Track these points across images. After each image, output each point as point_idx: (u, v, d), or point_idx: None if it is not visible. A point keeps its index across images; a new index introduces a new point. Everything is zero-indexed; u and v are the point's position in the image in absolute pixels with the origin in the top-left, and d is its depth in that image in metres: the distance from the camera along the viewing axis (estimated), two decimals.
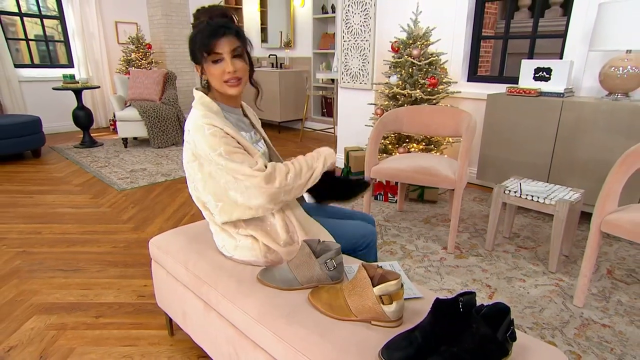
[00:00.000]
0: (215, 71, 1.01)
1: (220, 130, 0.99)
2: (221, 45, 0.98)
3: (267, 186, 0.96)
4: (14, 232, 2.24)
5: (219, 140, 0.97)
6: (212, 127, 0.98)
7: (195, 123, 1.01)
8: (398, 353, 0.72)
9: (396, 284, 0.81)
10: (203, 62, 1.02)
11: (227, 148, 0.98)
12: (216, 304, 1.04)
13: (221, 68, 1.01)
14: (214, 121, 1.00)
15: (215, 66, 1.01)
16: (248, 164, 0.97)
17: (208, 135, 0.98)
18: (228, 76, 1.01)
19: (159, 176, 3.27)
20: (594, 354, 1.30)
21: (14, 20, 4.72)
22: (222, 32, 0.98)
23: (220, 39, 0.98)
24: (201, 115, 1.02)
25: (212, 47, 0.98)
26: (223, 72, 1.01)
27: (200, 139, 0.99)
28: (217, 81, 1.03)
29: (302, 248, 0.98)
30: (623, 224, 1.39)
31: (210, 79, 1.05)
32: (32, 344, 1.36)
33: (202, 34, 0.98)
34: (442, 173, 1.95)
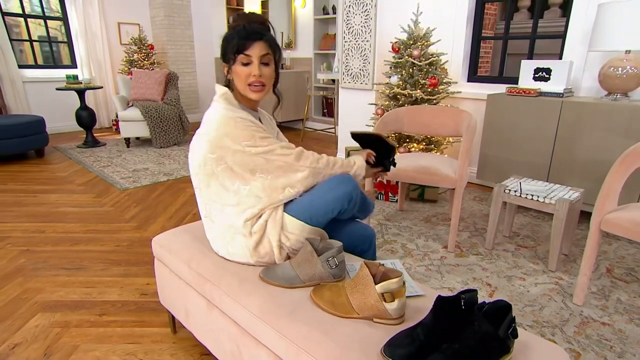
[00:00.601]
0: (242, 72, 1.05)
1: (250, 122, 1.04)
2: (252, 49, 1.03)
3: (298, 164, 1.06)
4: (18, 230, 2.26)
5: (251, 132, 1.02)
6: (242, 120, 1.03)
7: (223, 115, 1.03)
8: (400, 350, 0.74)
9: (398, 281, 0.82)
10: (232, 62, 1.05)
11: (261, 134, 1.04)
12: (219, 301, 1.05)
13: (248, 70, 1.04)
14: (242, 114, 1.04)
15: (243, 68, 1.05)
16: (279, 145, 1.05)
17: (240, 128, 1.01)
18: (253, 79, 1.05)
19: (161, 176, 3.29)
20: (594, 352, 1.32)
21: (18, 22, 4.74)
22: (256, 37, 1.03)
23: (253, 42, 1.02)
24: (227, 109, 1.05)
25: (244, 49, 1.02)
26: (249, 75, 1.05)
27: (231, 132, 1.01)
28: (241, 82, 1.06)
29: (304, 246, 1.00)
30: (623, 222, 1.40)
31: (235, 79, 1.08)
32: (36, 341, 1.38)
33: (237, 35, 1.03)
34: (442, 172, 1.96)
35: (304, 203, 1.08)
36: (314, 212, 1.06)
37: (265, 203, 1.07)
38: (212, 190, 1.08)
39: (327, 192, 1.07)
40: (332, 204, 1.07)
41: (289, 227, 1.07)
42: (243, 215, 1.07)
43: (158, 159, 3.83)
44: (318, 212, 1.07)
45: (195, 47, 5.77)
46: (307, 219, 1.06)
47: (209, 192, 1.09)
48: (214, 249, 1.16)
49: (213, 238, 1.14)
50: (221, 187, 1.06)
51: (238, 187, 1.06)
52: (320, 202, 1.07)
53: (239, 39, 1.02)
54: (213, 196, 1.09)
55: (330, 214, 1.08)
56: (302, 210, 1.07)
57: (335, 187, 1.08)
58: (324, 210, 1.07)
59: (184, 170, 3.47)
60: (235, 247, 1.09)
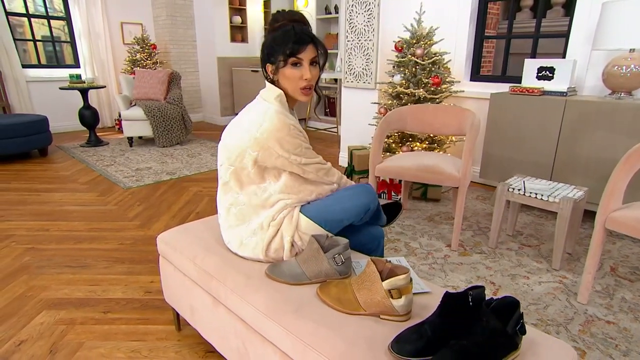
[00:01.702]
0: (293, 75, 1.06)
1: (299, 131, 1.08)
2: (305, 53, 1.04)
3: (327, 178, 1.16)
4: (22, 229, 2.27)
5: (299, 141, 1.07)
6: (295, 128, 1.06)
7: (279, 120, 1.04)
8: (408, 346, 0.74)
9: (405, 278, 0.82)
10: (280, 64, 1.06)
11: (306, 145, 1.10)
12: (225, 298, 1.06)
13: (299, 72, 1.06)
14: (295, 123, 1.08)
15: (294, 70, 1.06)
16: (317, 160, 1.12)
17: (292, 136, 1.05)
18: (304, 83, 1.07)
19: (164, 174, 3.30)
20: (599, 350, 1.31)
21: (22, 21, 4.76)
22: (308, 39, 1.04)
23: (305, 46, 1.04)
24: (282, 112, 1.06)
25: (297, 53, 1.04)
26: (300, 78, 1.06)
27: (283, 138, 1.04)
28: (292, 85, 1.08)
29: (311, 243, 1.00)
30: (628, 221, 1.39)
31: (283, 81, 1.08)
32: (42, 339, 1.38)
33: (288, 37, 1.03)
34: (446, 171, 1.96)
35: (321, 207, 1.11)
36: (329, 217, 1.09)
37: (293, 200, 1.11)
38: (242, 182, 1.10)
39: (347, 201, 1.11)
40: (349, 212, 1.10)
41: (303, 228, 1.09)
42: (267, 210, 1.09)
43: (161, 158, 3.84)
44: (334, 218, 1.09)
45: (197, 46, 5.78)
46: (322, 222, 1.09)
47: (237, 184, 1.11)
48: (225, 240, 1.17)
49: (228, 227, 1.15)
50: (251, 182, 1.10)
51: (269, 184, 1.10)
52: (338, 209, 1.10)
53: (292, 42, 1.03)
54: (244, 187, 1.11)
55: (346, 221, 1.11)
56: (319, 213, 1.10)
57: (356, 197, 1.12)
58: (339, 217, 1.10)
59: (187, 169, 3.48)
60: (251, 238, 1.10)
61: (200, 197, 2.81)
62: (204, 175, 3.33)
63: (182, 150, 4.13)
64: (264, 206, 1.10)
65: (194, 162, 3.71)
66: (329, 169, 1.17)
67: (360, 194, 1.13)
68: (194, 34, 5.69)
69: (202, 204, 2.68)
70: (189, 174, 3.33)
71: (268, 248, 1.08)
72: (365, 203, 1.12)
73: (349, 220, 1.12)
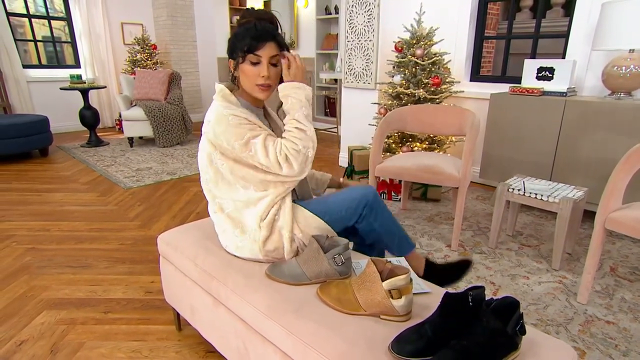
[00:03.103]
0: (250, 72, 1.04)
1: (245, 118, 1.02)
2: (263, 50, 1.02)
3: (289, 171, 1.02)
4: (23, 229, 2.27)
5: (243, 129, 1.01)
6: (235, 117, 1.02)
7: (217, 113, 1.04)
8: (408, 346, 0.74)
9: (405, 278, 0.82)
10: (240, 60, 1.04)
11: (253, 133, 1.01)
12: (225, 299, 1.06)
13: (257, 71, 1.04)
14: (236, 111, 1.03)
15: (252, 67, 1.04)
16: (271, 152, 1.01)
17: (233, 125, 1.01)
18: (261, 80, 1.04)
19: (164, 175, 3.30)
20: (599, 350, 1.32)
21: (23, 22, 4.77)
22: (267, 37, 1.02)
23: (264, 43, 1.01)
24: (223, 106, 1.04)
25: (254, 49, 1.01)
26: (257, 76, 1.04)
27: (225, 130, 1.01)
28: (248, 82, 1.06)
29: (311, 243, 1.00)
30: (628, 221, 1.40)
31: (242, 77, 1.07)
32: (42, 338, 1.39)
33: (248, 34, 1.01)
34: (446, 171, 1.96)
35: (320, 200, 1.13)
36: (328, 207, 1.09)
37: (272, 195, 1.08)
38: (221, 186, 1.09)
39: (344, 194, 1.13)
40: (347, 203, 1.10)
41: (302, 220, 1.09)
42: (253, 209, 1.08)
43: (161, 158, 3.85)
44: (332, 209, 1.09)
45: (197, 47, 5.78)
46: (321, 213, 1.09)
47: (218, 188, 1.10)
48: (222, 244, 1.17)
49: (222, 232, 1.15)
50: (228, 183, 1.08)
51: (245, 183, 1.07)
52: (335, 200, 1.11)
53: (250, 38, 1.01)
54: (223, 192, 1.10)
55: (345, 212, 1.10)
56: (318, 205, 1.11)
57: (353, 190, 1.14)
58: (337, 207, 1.09)
59: (187, 169, 3.48)
60: (245, 241, 1.10)
61: (200, 197, 2.82)
62: None
63: (182, 151, 4.13)
64: (248, 206, 1.09)
65: (194, 162, 3.71)
66: (290, 156, 1.00)
67: (356, 188, 1.14)
68: (195, 34, 5.70)
69: (202, 204, 2.68)
70: (190, 174, 3.34)
71: (265, 248, 1.08)
72: (363, 194, 1.11)
73: (348, 212, 1.10)
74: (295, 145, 1.01)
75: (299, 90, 1.05)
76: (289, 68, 1.06)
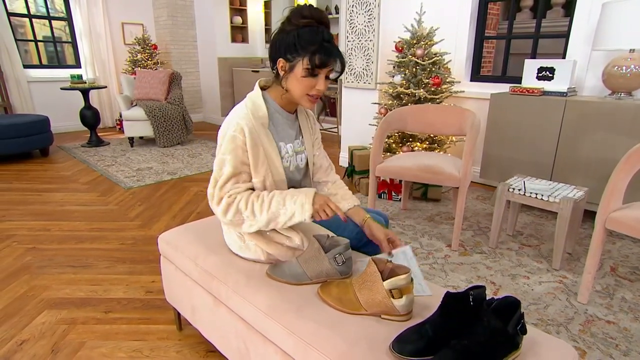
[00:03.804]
0: (307, 83, 0.99)
1: (242, 140, 0.99)
2: (329, 66, 0.98)
3: (221, 215, 1.02)
4: (23, 229, 2.27)
5: (232, 147, 1.00)
6: (239, 132, 0.99)
7: (234, 115, 1.03)
8: (409, 346, 0.74)
9: (406, 278, 0.82)
10: (298, 66, 0.97)
11: (232, 159, 1.00)
12: (226, 298, 1.06)
13: (314, 83, 0.99)
14: (247, 126, 0.99)
15: (310, 79, 0.98)
16: (225, 187, 1.00)
17: (230, 136, 1.00)
18: (315, 92, 1.00)
19: (165, 175, 3.31)
20: (599, 350, 1.32)
21: (23, 22, 4.77)
22: (336, 55, 0.98)
23: (333, 59, 0.97)
24: (244, 114, 1.02)
25: (325, 67, 0.97)
26: (312, 87, 0.99)
27: (225, 133, 1.02)
28: (300, 90, 1.00)
29: (312, 243, 1.00)
30: (628, 221, 1.40)
31: (293, 83, 1.00)
32: (43, 338, 1.39)
33: (317, 43, 0.95)
34: (446, 171, 1.96)
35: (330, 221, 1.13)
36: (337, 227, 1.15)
37: None
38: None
39: None
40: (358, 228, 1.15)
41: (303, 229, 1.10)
42: None
43: (162, 158, 3.85)
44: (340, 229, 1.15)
45: (198, 47, 5.78)
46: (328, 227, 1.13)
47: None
48: (226, 242, 1.17)
49: (227, 230, 1.15)
50: None
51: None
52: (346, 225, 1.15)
53: (323, 53, 0.95)
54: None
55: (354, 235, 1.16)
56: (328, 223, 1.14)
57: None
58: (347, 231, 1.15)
59: (188, 169, 3.49)
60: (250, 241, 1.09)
61: (201, 197, 2.82)
62: (205, 175, 3.33)
63: (182, 151, 4.13)
64: None
65: (194, 162, 3.72)
66: (232, 209, 0.99)
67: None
68: (195, 34, 5.70)
69: (202, 204, 2.69)
70: (190, 174, 3.34)
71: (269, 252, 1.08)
72: None
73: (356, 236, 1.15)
74: (245, 208, 0.99)
75: (304, 202, 0.98)
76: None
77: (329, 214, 0.97)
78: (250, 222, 1.00)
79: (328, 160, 1.28)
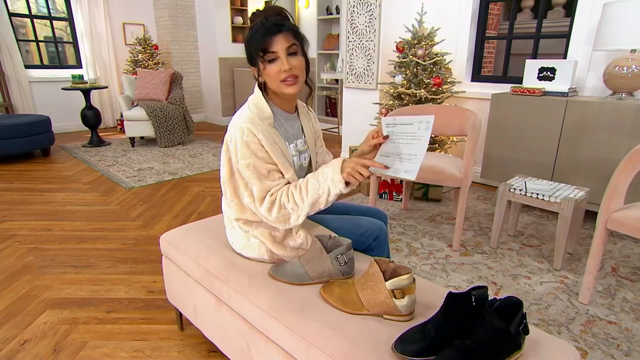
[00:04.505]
0: (272, 70, 0.98)
1: (257, 141, 0.99)
2: (276, 43, 0.95)
3: (266, 214, 1.01)
4: (25, 229, 2.28)
5: (250, 152, 0.99)
6: (250, 135, 0.98)
7: (239, 121, 1.01)
8: (412, 346, 0.74)
9: (408, 278, 0.83)
10: (259, 62, 0.99)
11: (257, 162, 0.99)
12: (228, 298, 1.06)
13: (277, 67, 0.97)
14: (256, 129, 0.99)
15: (271, 65, 0.98)
16: (263, 188, 1.00)
17: (243, 142, 0.99)
18: (284, 75, 0.98)
19: (166, 175, 3.31)
20: (601, 350, 1.32)
21: (25, 22, 4.78)
22: (276, 29, 0.95)
23: (275, 36, 0.95)
24: (248, 117, 1.01)
25: (267, 46, 0.96)
26: (279, 71, 0.97)
27: (237, 141, 1.00)
28: (273, 81, 1.00)
29: (314, 243, 1.01)
30: (629, 221, 1.40)
31: (267, 80, 1.02)
32: (45, 338, 1.39)
33: (257, 34, 0.96)
34: (447, 171, 1.96)
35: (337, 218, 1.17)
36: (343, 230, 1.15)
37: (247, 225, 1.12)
38: (236, 185, 1.08)
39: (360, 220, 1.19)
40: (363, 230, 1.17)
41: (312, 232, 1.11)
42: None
43: (163, 158, 3.85)
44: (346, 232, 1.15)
45: (199, 47, 5.79)
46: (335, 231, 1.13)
47: (232, 187, 1.09)
48: (229, 240, 1.17)
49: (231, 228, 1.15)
50: (240, 185, 1.07)
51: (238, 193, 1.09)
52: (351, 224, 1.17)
53: (259, 36, 0.95)
54: (232, 191, 1.10)
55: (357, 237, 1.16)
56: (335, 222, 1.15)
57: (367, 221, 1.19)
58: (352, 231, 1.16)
59: (189, 169, 3.49)
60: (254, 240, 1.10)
61: (202, 197, 2.82)
62: (206, 175, 3.34)
63: (183, 151, 4.14)
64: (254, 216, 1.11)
65: (195, 162, 3.72)
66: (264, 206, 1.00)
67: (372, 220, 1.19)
68: (196, 34, 5.71)
69: (204, 204, 2.69)
70: (191, 174, 3.34)
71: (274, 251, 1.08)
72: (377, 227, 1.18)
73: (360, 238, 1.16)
74: (288, 201, 0.99)
75: (334, 174, 0.95)
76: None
77: (364, 173, 0.92)
78: (297, 213, 0.99)
79: (330, 155, 1.29)
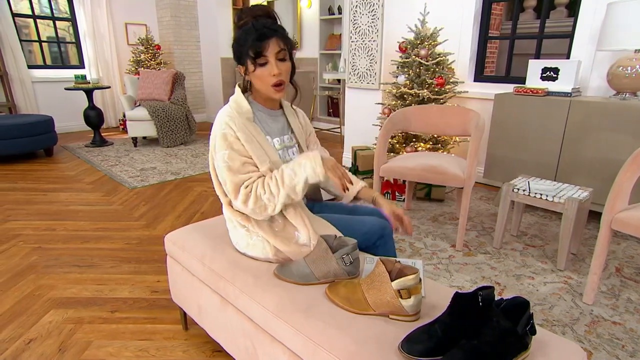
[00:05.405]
0: (262, 74, 1.03)
1: (233, 133, 1.03)
2: (268, 48, 0.99)
3: (242, 206, 1.04)
4: (29, 228, 2.28)
5: (227, 143, 1.03)
6: (228, 128, 1.03)
7: (219, 116, 1.07)
8: (418, 346, 0.74)
9: (414, 278, 0.83)
10: (249, 63, 1.03)
11: (232, 154, 1.03)
12: (233, 298, 1.06)
13: (267, 71, 1.02)
14: (234, 122, 1.04)
15: (262, 69, 1.02)
16: (236, 181, 1.03)
17: (221, 134, 1.03)
18: (274, 80, 1.03)
19: (168, 175, 3.32)
20: (605, 351, 1.31)
21: (28, 23, 4.79)
22: (269, 34, 0.99)
23: (267, 41, 0.99)
24: (227, 112, 1.06)
25: (259, 50, 0.99)
26: (269, 75, 1.02)
27: (216, 135, 1.05)
28: (263, 84, 1.05)
29: (319, 243, 1.01)
30: (634, 222, 1.39)
31: (255, 81, 1.06)
32: (50, 337, 1.40)
33: (249, 37, 0.99)
34: (451, 171, 1.96)
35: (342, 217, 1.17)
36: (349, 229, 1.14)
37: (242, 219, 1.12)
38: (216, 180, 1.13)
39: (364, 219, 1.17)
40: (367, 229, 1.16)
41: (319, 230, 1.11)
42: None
43: (165, 158, 3.86)
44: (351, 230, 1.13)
45: (201, 47, 5.80)
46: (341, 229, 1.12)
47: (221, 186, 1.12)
48: (232, 241, 1.17)
49: (233, 228, 1.15)
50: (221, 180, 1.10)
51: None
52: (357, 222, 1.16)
53: (252, 40, 0.98)
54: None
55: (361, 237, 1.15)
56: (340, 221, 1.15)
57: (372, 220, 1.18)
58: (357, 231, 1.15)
59: (191, 169, 3.50)
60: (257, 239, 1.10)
61: (205, 197, 2.83)
62: (208, 175, 3.34)
63: (186, 151, 4.14)
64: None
65: (198, 162, 3.73)
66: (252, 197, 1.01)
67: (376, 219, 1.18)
68: (198, 34, 5.72)
69: (206, 204, 2.69)
70: (194, 174, 3.35)
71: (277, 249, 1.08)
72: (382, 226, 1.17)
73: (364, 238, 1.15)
74: (264, 192, 1.01)
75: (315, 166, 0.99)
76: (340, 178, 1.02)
77: (342, 172, 1.03)
78: (273, 203, 1.02)
79: (326, 152, 1.30)
